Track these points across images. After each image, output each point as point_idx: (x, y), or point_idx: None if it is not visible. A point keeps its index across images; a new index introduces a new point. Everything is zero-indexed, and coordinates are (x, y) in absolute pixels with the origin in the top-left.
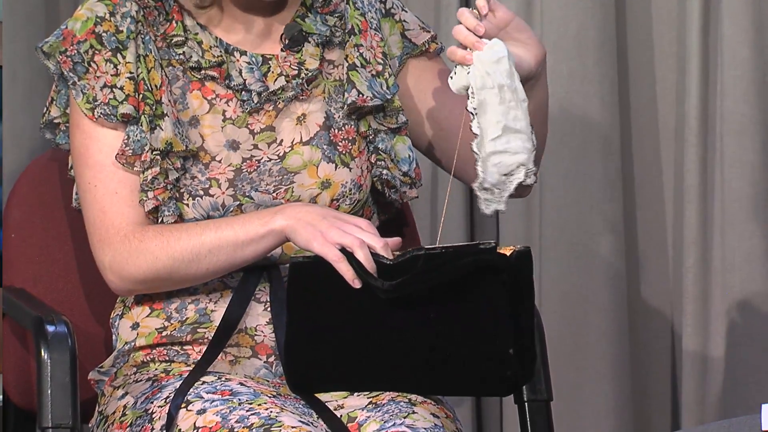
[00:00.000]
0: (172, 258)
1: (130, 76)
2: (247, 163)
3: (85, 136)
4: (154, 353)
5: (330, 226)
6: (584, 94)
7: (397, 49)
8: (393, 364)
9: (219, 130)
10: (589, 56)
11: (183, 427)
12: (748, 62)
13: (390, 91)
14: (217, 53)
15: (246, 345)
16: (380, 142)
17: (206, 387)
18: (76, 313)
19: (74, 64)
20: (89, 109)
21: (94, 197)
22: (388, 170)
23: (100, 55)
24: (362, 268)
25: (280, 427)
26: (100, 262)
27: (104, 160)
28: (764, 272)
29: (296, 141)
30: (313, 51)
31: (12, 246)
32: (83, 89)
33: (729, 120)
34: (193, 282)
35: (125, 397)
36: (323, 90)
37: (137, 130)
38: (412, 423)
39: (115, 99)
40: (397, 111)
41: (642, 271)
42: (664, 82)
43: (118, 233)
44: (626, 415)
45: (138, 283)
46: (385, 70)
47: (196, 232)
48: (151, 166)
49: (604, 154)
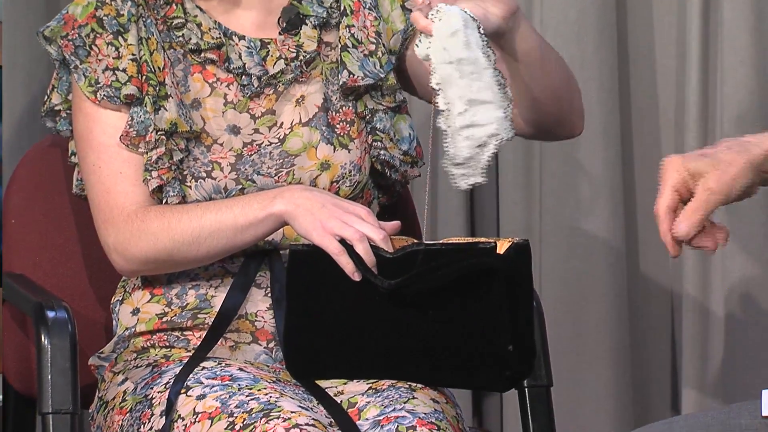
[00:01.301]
0: (173, 240)
1: (132, 58)
2: (247, 148)
3: (88, 119)
4: (155, 339)
5: (330, 216)
6: (584, 80)
7: (401, 23)
8: (392, 353)
9: (220, 114)
10: (588, 42)
11: (183, 413)
12: (748, 48)
13: (384, 70)
14: (216, 35)
15: (246, 330)
16: (378, 121)
17: (206, 372)
18: (77, 299)
19: (76, 48)
20: (91, 92)
21: (98, 178)
22: (386, 150)
23: (101, 39)
24: (362, 262)
25: (280, 412)
26: (105, 242)
27: (108, 141)
28: (764, 258)
29: (295, 122)
30: (310, 33)
31: (12, 231)
32: (85, 72)
33: (729, 106)
34: (194, 264)
35: (125, 382)
36: (321, 71)
37: (141, 111)
38: (412, 408)
39: (117, 81)
40: (394, 89)
41: (642, 257)
42: (664, 68)
43: (121, 213)
44: (626, 400)
45: (141, 263)
46: (378, 49)
47: (196, 214)
48: (156, 146)
49: (603, 140)
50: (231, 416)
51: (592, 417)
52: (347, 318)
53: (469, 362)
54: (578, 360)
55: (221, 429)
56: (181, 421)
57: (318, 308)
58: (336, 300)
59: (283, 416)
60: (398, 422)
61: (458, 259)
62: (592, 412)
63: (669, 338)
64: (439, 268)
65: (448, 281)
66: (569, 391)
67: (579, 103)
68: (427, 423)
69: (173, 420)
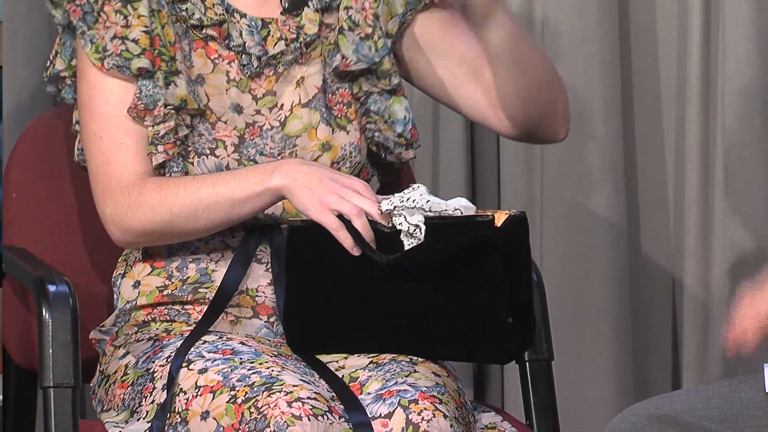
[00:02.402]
0: (170, 212)
1: (145, 30)
2: (250, 130)
3: (90, 87)
4: (155, 312)
5: (327, 191)
6: (585, 55)
7: (400, 6)
8: (392, 328)
9: (223, 92)
10: (590, 16)
11: (184, 387)
12: (750, 22)
13: (379, 54)
14: (219, 11)
15: (247, 305)
16: (372, 103)
17: (207, 346)
18: (77, 273)
19: (84, 14)
20: (98, 59)
21: (99, 148)
22: (380, 132)
23: (109, 6)
24: (360, 237)
25: (282, 385)
26: (102, 213)
27: (111, 110)
28: (764, 233)
29: (295, 103)
30: (312, 16)
31: (13, 206)
32: (92, 39)
33: (730, 79)
34: (192, 236)
35: (126, 356)
36: (320, 53)
37: (150, 84)
38: (413, 382)
39: (128, 51)
40: (389, 72)
41: (643, 230)
42: (665, 42)
43: (119, 184)
44: (627, 374)
45: (137, 235)
46: (374, 33)
47: (194, 187)
48: (165, 120)
49: (605, 114)
50: (233, 390)
51: (593, 390)
52: (347, 292)
53: (469, 335)
54: (579, 333)
55: (223, 402)
56: (182, 395)
57: (317, 283)
58: (335, 275)
59: (285, 390)
60: (400, 396)
61: (456, 232)
62: (593, 385)
63: (670, 312)
64: (438, 241)
65: (446, 255)
66: (570, 364)
67: (563, 107)
68: (429, 396)
69: (175, 394)
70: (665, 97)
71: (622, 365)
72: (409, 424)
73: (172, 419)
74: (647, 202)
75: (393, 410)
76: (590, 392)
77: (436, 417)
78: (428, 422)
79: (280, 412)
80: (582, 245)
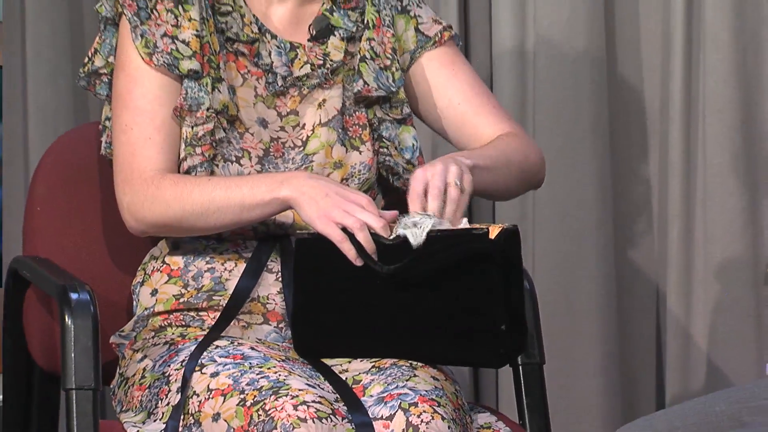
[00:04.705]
0: (183, 209)
1: (196, 34)
2: (274, 145)
3: (129, 80)
4: (172, 318)
5: (333, 205)
6: (575, 76)
7: (412, 43)
8: (393, 334)
9: (251, 105)
10: (579, 40)
11: (197, 389)
12: (729, 45)
13: (395, 84)
14: (254, 30)
15: (258, 312)
16: (384, 130)
17: (219, 351)
18: (98, 281)
19: (138, 9)
20: (147, 54)
21: (128, 139)
22: (391, 157)
23: (161, 5)
24: (363, 249)
25: (288, 389)
26: (120, 201)
27: (145, 105)
28: (743, 243)
29: (316, 123)
30: (338, 44)
31: (37, 218)
32: (144, 34)
33: (711, 100)
34: (202, 233)
35: (144, 360)
36: (342, 78)
37: (197, 87)
38: (413, 385)
39: (178, 51)
40: (402, 102)
41: (629, 241)
42: (650, 64)
43: (141, 176)
44: (613, 376)
45: (150, 226)
46: (392, 65)
47: (207, 188)
48: (206, 122)
49: (593, 132)
50: (242, 393)
51: (582, 392)
52: (351, 301)
53: (466, 341)
54: (569, 338)
55: (233, 405)
56: (195, 397)
57: (323, 291)
58: (340, 284)
59: (291, 393)
60: (401, 399)
61: (453, 244)
62: (581, 385)
63: (654, 318)
64: (436, 253)
65: (443, 266)
66: (561, 366)
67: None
68: (428, 399)
69: (188, 396)
70: (649, 115)
71: (609, 368)
72: (409, 425)
73: (186, 420)
74: (633, 215)
75: (394, 412)
76: (579, 393)
77: (435, 419)
78: (427, 424)
79: (286, 415)
80: (571, 255)
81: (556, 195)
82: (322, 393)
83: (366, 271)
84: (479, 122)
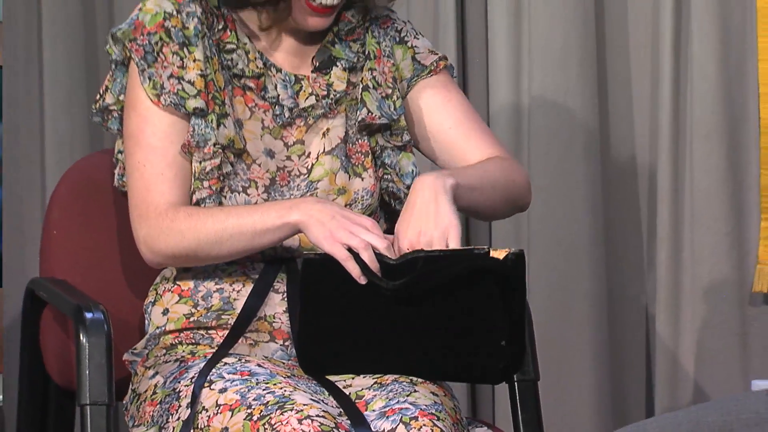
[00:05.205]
0: (198, 239)
1: (201, 74)
2: (280, 174)
3: (140, 119)
4: (182, 336)
5: (339, 227)
6: (568, 104)
7: (408, 72)
8: (396, 351)
9: (258, 137)
10: (572, 70)
11: (206, 405)
12: (715, 77)
13: (396, 112)
14: (259, 65)
15: (264, 330)
16: (386, 157)
17: (227, 368)
18: (112, 301)
19: (145, 53)
20: (155, 95)
21: (141, 175)
22: (393, 183)
23: (168, 48)
24: (367, 268)
25: (293, 404)
26: (137, 235)
27: (156, 143)
28: (729, 264)
29: (320, 152)
30: (340, 74)
31: (54, 242)
32: (151, 76)
33: (698, 128)
34: (216, 261)
35: (156, 376)
36: (345, 107)
37: (203, 124)
38: (414, 401)
39: (184, 91)
40: (403, 130)
41: (620, 263)
42: (639, 93)
43: (155, 210)
44: (605, 391)
45: (167, 258)
46: (393, 93)
47: (220, 218)
48: (213, 158)
49: (585, 159)
50: (249, 408)
51: (575, 406)
52: (355, 319)
53: (466, 357)
54: (563, 356)
55: (240, 420)
56: (204, 413)
57: (328, 310)
58: (344, 303)
59: (296, 408)
60: (402, 413)
61: (455, 263)
62: (575, 400)
63: (644, 337)
64: (439, 271)
65: (445, 283)
66: (555, 382)
67: (523, 193)
68: (428, 414)
69: (198, 411)
70: (639, 142)
71: (601, 383)
72: None
73: None
74: (624, 237)
75: (395, 426)
76: (572, 408)
77: None
78: None
79: (291, 429)
80: (566, 277)
81: (550, 219)
82: (326, 408)
83: (370, 290)
84: (468, 146)
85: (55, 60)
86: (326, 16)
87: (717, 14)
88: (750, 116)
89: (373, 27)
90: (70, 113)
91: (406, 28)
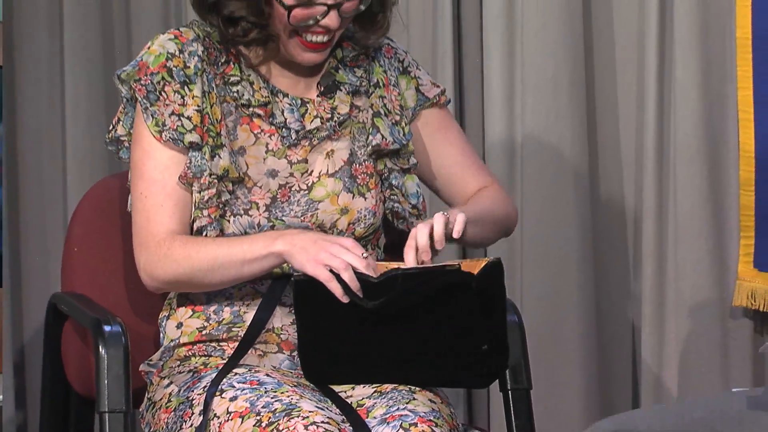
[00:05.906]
0: (191, 267)
1: (197, 109)
2: (281, 191)
3: (143, 153)
4: (195, 349)
5: (320, 250)
6: (559, 128)
7: (412, 101)
8: (386, 362)
9: (261, 161)
10: (562, 96)
11: (218, 412)
12: (697, 102)
13: (405, 138)
14: (265, 94)
15: (273, 342)
16: (393, 179)
17: (237, 378)
18: (129, 315)
19: (148, 93)
20: (157, 132)
21: (143, 206)
22: (399, 203)
23: (169, 87)
24: (348, 287)
25: (300, 411)
26: (137, 261)
27: (157, 176)
28: (710, 280)
29: (323, 172)
30: (344, 98)
31: (75, 258)
32: (154, 114)
33: (681, 151)
34: (210, 288)
35: (170, 386)
36: (350, 131)
37: (199, 156)
38: (413, 408)
39: (182, 127)
40: (410, 154)
41: (607, 278)
42: (626, 118)
43: (154, 239)
44: (594, 398)
45: (164, 283)
46: (402, 120)
47: (212, 248)
48: (209, 188)
49: (574, 178)
50: (258, 415)
51: (566, 413)
52: (345, 332)
53: (452, 363)
54: (554, 365)
55: (250, 426)
56: (216, 420)
57: (321, 326)
58: (336, 319)
59: (302, 415)
60: (402, 420)
61: (431, 278)
62: (565, 407)
63: (630, 348)
64: (417, 287)
65: (422, 299)
66: (546, 390)
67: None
68: (427, 420)
69: (209, 419)
70: (626, 164)
71: (590, 391)
72: None
73: None
74: (610, 253)
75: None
76: (563, 415)
77: None
78: None
79: None
80: (556, 291)
81: (541, 237)
82: (330, 414)
83: (356, 307)
84: (465, 178)
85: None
86: (321, 52)
87: (699, 43)
88: (730, 140)
89: (378, 56)
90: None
91: (407, 58)
